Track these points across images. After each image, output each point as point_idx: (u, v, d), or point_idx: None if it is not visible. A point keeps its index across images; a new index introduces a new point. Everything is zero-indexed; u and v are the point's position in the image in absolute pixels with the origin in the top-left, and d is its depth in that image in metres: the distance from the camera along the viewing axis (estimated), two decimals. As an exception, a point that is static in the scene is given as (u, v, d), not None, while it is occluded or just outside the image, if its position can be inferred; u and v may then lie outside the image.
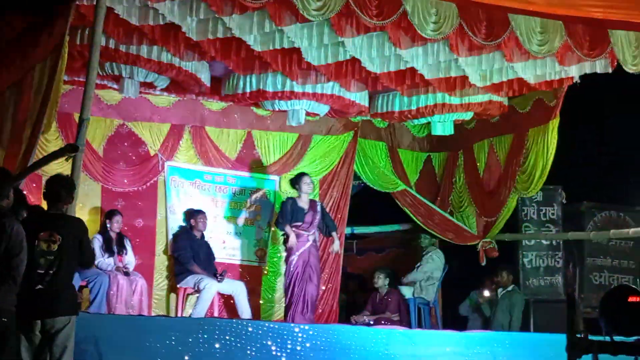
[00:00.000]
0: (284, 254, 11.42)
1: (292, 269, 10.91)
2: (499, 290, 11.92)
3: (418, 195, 12.92)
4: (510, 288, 11.85)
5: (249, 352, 8.50)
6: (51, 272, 6.55)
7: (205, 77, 10.54)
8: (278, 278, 12.03)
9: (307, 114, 11.26)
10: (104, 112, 11.30)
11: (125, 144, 11.55)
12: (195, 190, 11.89)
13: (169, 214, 11.64)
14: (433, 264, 12.02)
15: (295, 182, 11.36)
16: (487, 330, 11.17)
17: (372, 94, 11.41)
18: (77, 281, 9.80)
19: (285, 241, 11.07)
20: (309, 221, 11.10)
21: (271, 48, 9.44)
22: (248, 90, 10.72)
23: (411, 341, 9.35)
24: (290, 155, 12.42)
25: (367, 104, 11.41)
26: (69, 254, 6.67)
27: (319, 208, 11.27)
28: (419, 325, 11.71)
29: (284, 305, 11.23)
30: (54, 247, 6.59)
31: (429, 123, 11.84)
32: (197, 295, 10.84)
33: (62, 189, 6.88)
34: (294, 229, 10.98)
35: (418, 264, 12.04)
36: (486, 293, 12.15)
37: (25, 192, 7.83)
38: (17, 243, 6.09)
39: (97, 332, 7.89)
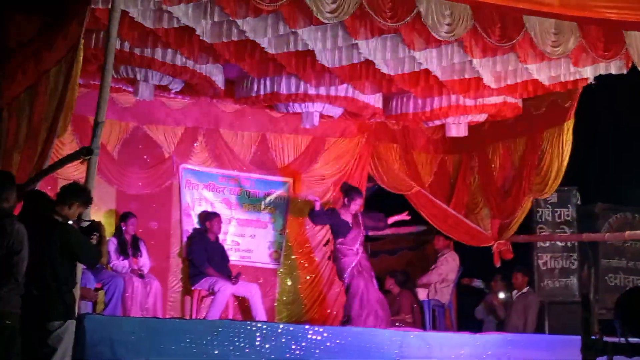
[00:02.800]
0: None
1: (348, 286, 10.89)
2: (514, 292, 11.89)
3: (432, 197, 12.89)
4: (525, 290, 11.82)
5: (263, 354, 8.50)
6: (38, 276, 6.53)
7: (219, 80, 10.57)
8: (292, 280, 12.07)
9: (321, 116, 11.27)
10: (118, 115, 11.34)
11: (140, 146, 11.59)
12: (210, 192, 11.91)
13: (184, 217, 11.67)
14: (448, 266, 11.99)
15: (347, 192, 11.30)
16: (502, 332, 11.15)
17: (386, 96, 11.41)
18: (92, 283, 9.86)
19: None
20: (355, 236, 11.02)
21: (285, 50, 9.46)
22: (262, 92, 10.75)
23: (426, 343, 9.33)
24: (304, 158, 12.44)
25: (381, 106, 11.42)
26: (50, 258, 6.62)
27: (360, 220, 11.19)
28: (434, 328, 11.69)
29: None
30: (40, 251, 6.53)
31: (443, 125, 11.83)
32: (212, 297, 10.85)
33: (60, 192, 6.94)
34: (339, 246, 10.97)
35: (433, 266, 12.02)
36: (501, 295, 12.12)
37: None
38: (18, 241, 6.11)
39: (112, 334, 7.90)
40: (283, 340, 8.64)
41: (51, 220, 6.76)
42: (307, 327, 9.21)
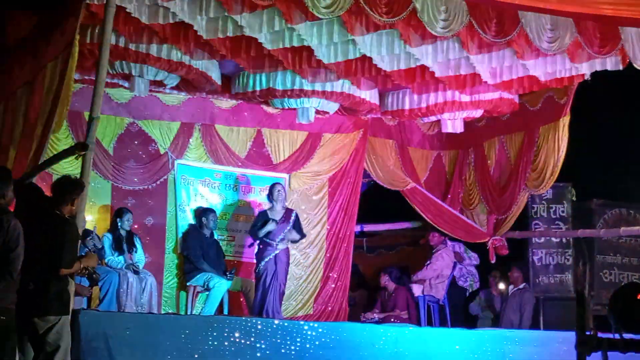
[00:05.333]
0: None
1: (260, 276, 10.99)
2: (510, 287, 11.90)
3: (428, 193, 12.90)
4: (521, 286, 11.83)
5: (258, 349, 8.51)
6: (33, 270, 6.55)
7: (215, 76, 10.56)
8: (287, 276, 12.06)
9: (317, 111, 11.27)
10: (114, 110, 11.31)
11: (135, 142, 11.57)
12: (205, 188, 11.91)
13: (179, 212, 11.66)
14: (443, 262, 11.99)
15: (268, 193, 11.34)
16: (497, 327, 11.17)
17: (383, 91, 11.41)
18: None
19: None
20: (277, 231, 11.03)
21: (281, 46, 9.46)
22: (258, 88, 10.75)
23: (421, 339, 9.35)
24: (300, 153, 12.43)
25: (377, 102, 11.41)
26: (53, 253, 6.64)
27: (292, 218, 11.21)
28: (429, 323, 11.71)
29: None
30: (33, 245, 6.56)
31: (439, 121, 11.85)
32: (207, 293, 10.86)
33: (54, 191, 6.95)
34: (263, 239, 11.01)
35: (428, 262, 12.02)
36: (501, 286, 12.11)
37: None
38: (14, 238, 6.11)
39: (107, 330, 7.91)
40: (278, 335, 8.65)
41: (56, 216, 6.78)
42: (302, 322, 9.23)
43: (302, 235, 11.32)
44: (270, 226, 10.87)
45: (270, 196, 11.22)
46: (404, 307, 11.80)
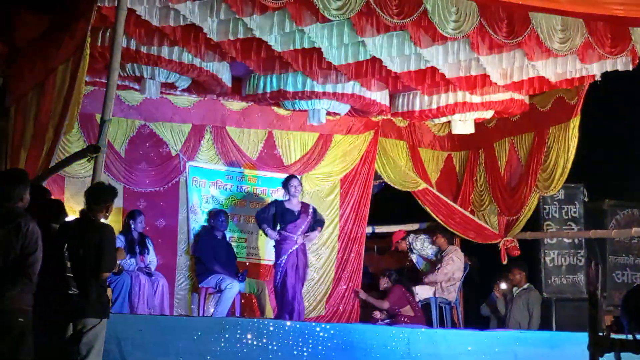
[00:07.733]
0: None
1: (280, 272, 10.83)
2: (514, 288, 11.84)
3: (439, 194, 12.88)
4: (525, 286, 11.78)
5: (270, 351, 8.51)
6: (78, 276, 6.68)
7: (226, 78, 10.57)
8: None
9: (328, 113, 11.27)
10: (125, 112, 11.34)
11: (147, 144, 11.60)
12: (217, 190, 11.93)
13: (191, 214, 11.68)
14: (454, 265, 11.95)
15: (283, 185, 11.25)
16: (506, 328, 11.13)
17: (393, 93, 11.41)
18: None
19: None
20: (299, 224, 10.98)
21: (292, 48, 9.46)
22: (269, 90, 10.75)
23: (432, 341, 9.34)
24: (311, 155, 12.43)
25: (387, 103, 11.41)
26: (94, 259, 6.76)
27: (310, 211, 11.17)
28: (441, 325, 11.67)
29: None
30: (80, 252, 6.73)
31: (449, 122, 11.84)
32: (219, 294, 10.86)
33: (89, 198, 7.07)
34: (281, 231, 10.92)
35: (438, 266, 11.97)
36: (503, 286, 12.04)
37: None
38: (32, 242, 6.14)
39: (120, 332, 7.93)
40: (290, 337, 8.65)
41: (92, 222, 6.97)
42: (314, 324, 9.23)
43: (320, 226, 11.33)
44: (272, 235, 10.94)
45: (286, 189, 11.12)
46: (405, 302, 11.65)
